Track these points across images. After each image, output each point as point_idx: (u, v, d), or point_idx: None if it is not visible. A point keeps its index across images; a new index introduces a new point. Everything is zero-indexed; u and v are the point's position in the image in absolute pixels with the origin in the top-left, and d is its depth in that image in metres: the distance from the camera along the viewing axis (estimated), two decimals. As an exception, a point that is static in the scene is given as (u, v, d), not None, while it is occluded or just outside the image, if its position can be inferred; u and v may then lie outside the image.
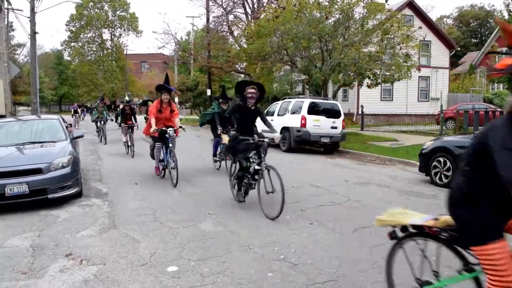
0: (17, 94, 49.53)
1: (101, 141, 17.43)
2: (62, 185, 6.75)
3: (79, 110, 33.78)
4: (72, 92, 63.20)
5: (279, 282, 3.87)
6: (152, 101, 22.19)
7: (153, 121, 8.26)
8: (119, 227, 5.57)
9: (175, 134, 8.52)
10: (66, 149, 7.35)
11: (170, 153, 8.37)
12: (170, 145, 8.39)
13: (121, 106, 27.48)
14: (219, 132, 9.67)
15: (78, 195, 7.23)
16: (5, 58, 17.36)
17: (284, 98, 16.67)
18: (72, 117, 30.86)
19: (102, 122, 17.80)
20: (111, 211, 6.42)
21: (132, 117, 13.79)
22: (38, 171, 6.61)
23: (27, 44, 53.38)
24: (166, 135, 8.34)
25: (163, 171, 8.98)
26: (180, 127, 8.67)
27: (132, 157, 12.54)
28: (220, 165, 10.21)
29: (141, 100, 20.77)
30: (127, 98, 14.09)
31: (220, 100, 10.09)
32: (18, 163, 6.67)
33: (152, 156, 9.32)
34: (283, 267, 4.18)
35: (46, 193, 6.57)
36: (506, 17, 19.85)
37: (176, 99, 32.58)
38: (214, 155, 10.31)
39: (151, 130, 8.26)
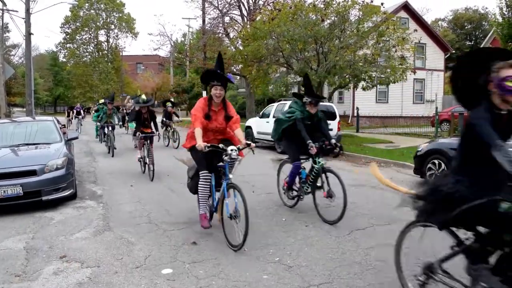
0: (11, 95, 49.36)
1: (108, 152, 13.85)
2: (57, 187, 6.74)
3: (82, 111, 29.55)
4: (67, 94, 62.93)
5: (274, 284, 3.86)
6: (172, 102, 18.01)
7: (197, 132, 4.94)
8: (114, 229, 5.56)
9: (238, 156, 5.03)
10: (60, 151, 7.33)
11: (227, 189, 4.86)
12: (230, 176, 4.90)
13: (128, 105, 22.39)
14: (313, 150, 5.90)
15: (72, 197, 7.21)
16: (0, 59, 17.29)
17: (280, 100, 16.68)
18: (74, 119, 27.84)
19: (110, 128, 14.01)
20: (106, 213, 6.40)
21: (152, 123, 10.08)
22: (32, 173, 6.59)
23: (22, 45, 53.27)
24: (225, 157, 4.86)
25: (209, 216, 5.41)
26: (248, 144, 4.99)
27: (151, 180, 9.09)
28: (297, 201, 6.56)
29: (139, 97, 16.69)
30: (144, 97, 10.43)
31: (306, 99, 6.21)
32: (12, 165, 6.65)
33: (193, 189, 5.61)
34: (278, 270, 4.18)
35: (40, 195, 6.55)
36: (500, 20, 19.95)
37: (172, 100, 32.07)
38: (290, 187, 6.53)
39: (197, 146, 4.79)
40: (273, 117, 15.48)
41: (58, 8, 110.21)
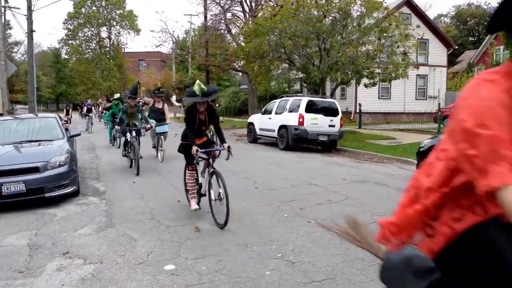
0: (14, 92, 49.45)
1: (130, 166, 10.17)
2: (59, 183, 6.75)
3: (93, 109, 25.63)
4: (69, 91, 63.09)
5: (277, 280, 3.86)
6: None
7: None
8: (117, 226, 5.56)
9: None
10: (63, 148, 7.34)
11: None
12: None
13: (146, 100, 14.08)
14: None
15: (75, 193, 7.22)
16: (2, 57, 17.32)
17: (282, 97, 16.67)
18: (84, 117, 24.79)
19: (134, 134, 9.85)
20: (109, 210, 6.41)
21: (213, 127, 6.48)
22: (35, 169, 6.60)
23: (24, 42, 53.32)
24: None
25: None
26: None
27: (223, 227, 5.35)
28: None
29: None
30: (202, 86, 5.64)
31: None
32: (15, 162, 6.67)
33: None
34: (280, 266, 4.18)
35: (43, 192, 6.56)
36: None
37: (174, 98, 31.85)
38: None
39: None
40: (276, 113, 15.50)
41: (60, 5, 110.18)
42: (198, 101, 5.56)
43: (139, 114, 10.41)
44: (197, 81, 5.51)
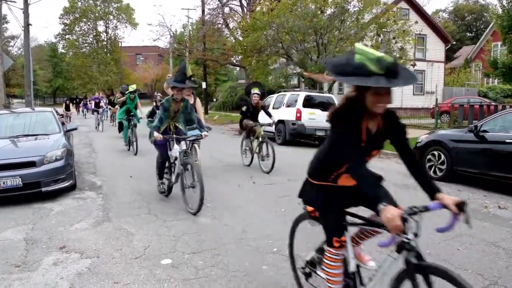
0: (10, 86, 49.24)
1: (168, 194, 6.68)
2: (56, 178, 6.73)
3: (102, 103, 22.63)
4: (66, 85, 62.89)
5: (274, 275, 3.87)
6: (263, 88, 9.92)
7: None
8: (113, 220, 5.56)
9: None
10: (59, 142, 7.32)
11: None
12: None
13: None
14: None
15: (72, 188, 7.21)
16: (-2, 50, 17.21)
17: (280, 91, 16.65)
18: (93, 113, 21.76)
19: (185, 147, 6.14)
20: (105, 204, 6.40)
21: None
22: (31, 164, 6.58)
23: (20, 36, 52.94)
24: None
25: None
26: None
27: None
28: None
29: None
30: (373, 55, 2.24)
31: None
32: (11, 156, 6.64)
33: None
34: (277, 260, 4.19)
35: (39, 186, 6.54)
36: (500, 11, 19.77)
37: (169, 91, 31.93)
38: None
39: None
40: (273, 108, 15.50)
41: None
42: (379, 85, 2.28)
43: (186, 114, 6.62)
44: (357, 44, 2.47)
